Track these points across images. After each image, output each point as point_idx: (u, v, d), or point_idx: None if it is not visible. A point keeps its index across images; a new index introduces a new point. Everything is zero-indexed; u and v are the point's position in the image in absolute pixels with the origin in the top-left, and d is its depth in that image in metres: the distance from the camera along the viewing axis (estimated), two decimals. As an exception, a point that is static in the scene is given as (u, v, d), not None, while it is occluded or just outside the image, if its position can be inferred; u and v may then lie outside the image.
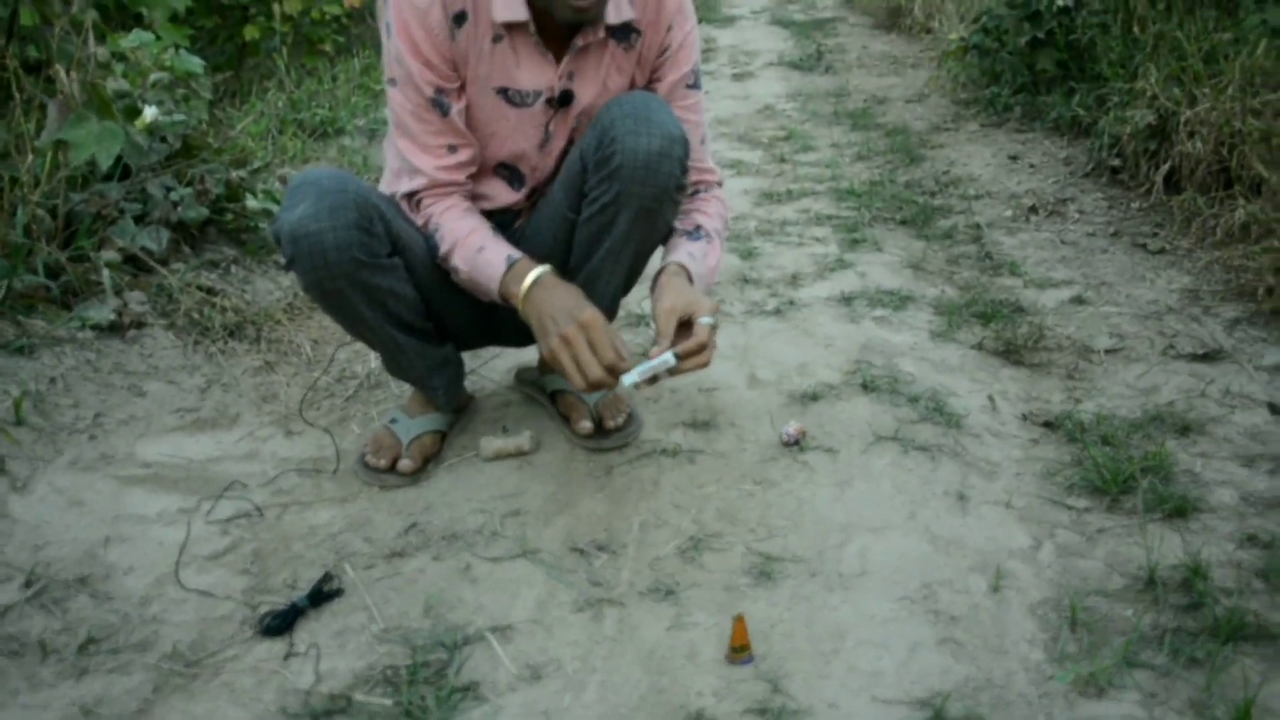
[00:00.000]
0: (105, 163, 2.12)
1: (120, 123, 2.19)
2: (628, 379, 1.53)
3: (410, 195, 1.72)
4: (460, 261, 1.67)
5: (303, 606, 1.49)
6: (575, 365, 1.54)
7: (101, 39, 2.44)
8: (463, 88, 1.68)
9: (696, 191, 1.85)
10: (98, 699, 1.34)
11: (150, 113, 2.30)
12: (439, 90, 1.65)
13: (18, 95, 2.27)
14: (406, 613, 1.49)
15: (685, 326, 1.61)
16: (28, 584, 1.53)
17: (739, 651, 1.35)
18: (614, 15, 1.67)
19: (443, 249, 1.69)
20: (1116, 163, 3.31)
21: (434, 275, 1.75)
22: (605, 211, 1.68)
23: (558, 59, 1.69)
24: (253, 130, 3.54)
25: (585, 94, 1.73)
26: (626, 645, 1.40)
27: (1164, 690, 1.25)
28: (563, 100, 1.72)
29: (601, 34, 1.68)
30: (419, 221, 1.73)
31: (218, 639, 1.45)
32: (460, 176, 1.72)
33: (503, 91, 1.69)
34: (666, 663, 1.37)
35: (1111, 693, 1.26)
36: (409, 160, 1.69)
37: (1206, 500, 1.65)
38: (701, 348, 1.58)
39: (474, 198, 1.79)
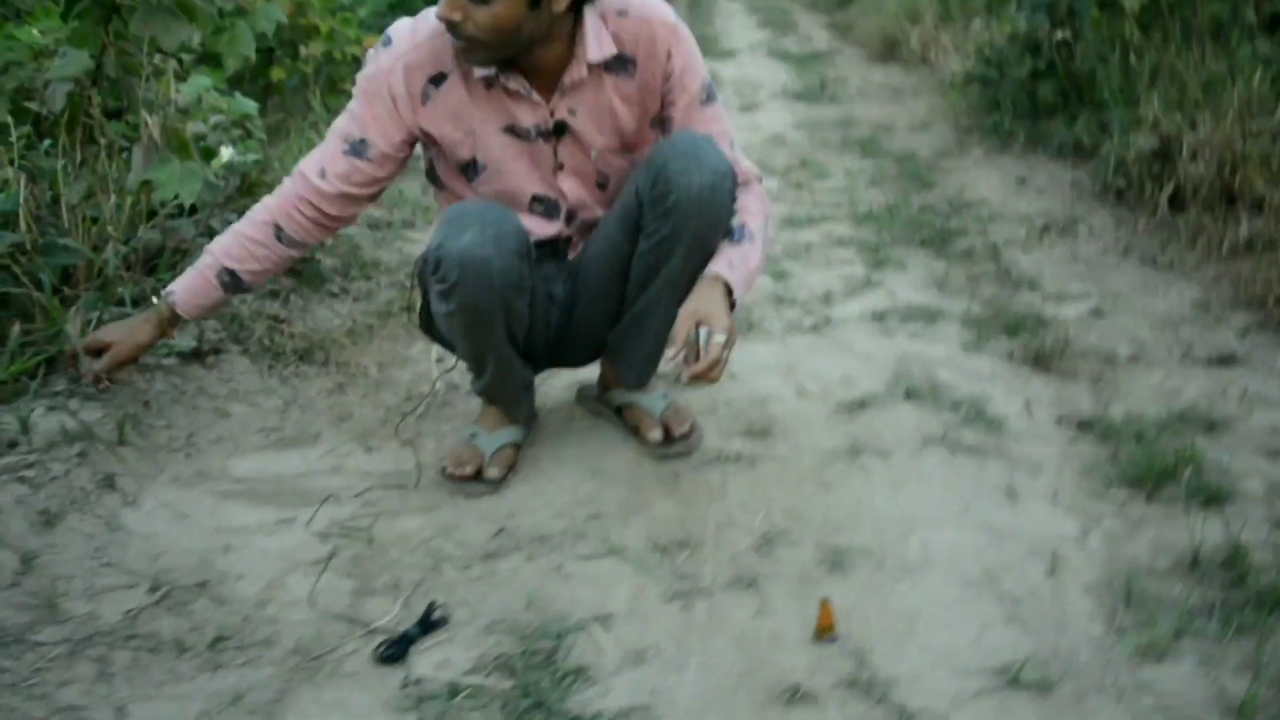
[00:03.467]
0: (188, 200, 2.26)
1: (198, 163, 2.33)
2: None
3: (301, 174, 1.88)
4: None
5: (414, 635, 1.57)
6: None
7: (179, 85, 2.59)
8: (389, 156, 1.85)
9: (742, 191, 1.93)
10: (235, 689, 1.46)
11: (227, 153, 2.45)
12: (361, 141, 1.82)
13: (101, 141, 2.41)
14: (509, 607, 1.61)
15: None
16: (153, 589, 1.65)
17: (825, 632, 1.48)
18: (596, 53, 1.76)
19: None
20: (1122, 184, 3.47)
21: (531, 301, 1.88)
22: (663, 245, 1.81)
23: (546, 97, 1.81)
24: (288, 167, 3.69)
25: (589, 125, 1.84)
26: (718, 631, 1.53)
27: (1218, 655, 1.39)
28: (558, 131, 1.85)
29: (583, 72, 1.79)
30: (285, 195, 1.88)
31: (335, 636, 1.57)
32: (314, 197, 1.86)
33: (509, 129, 1.82)
34: (757, 645, 1.50)
35: (1170, 658, 1.39)
36: (304, 161, 1.88)
37: (1237, 488, 1.79)
38: (711, 364, 1.69)
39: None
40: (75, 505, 1.80)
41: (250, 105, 3.09)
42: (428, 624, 1.61)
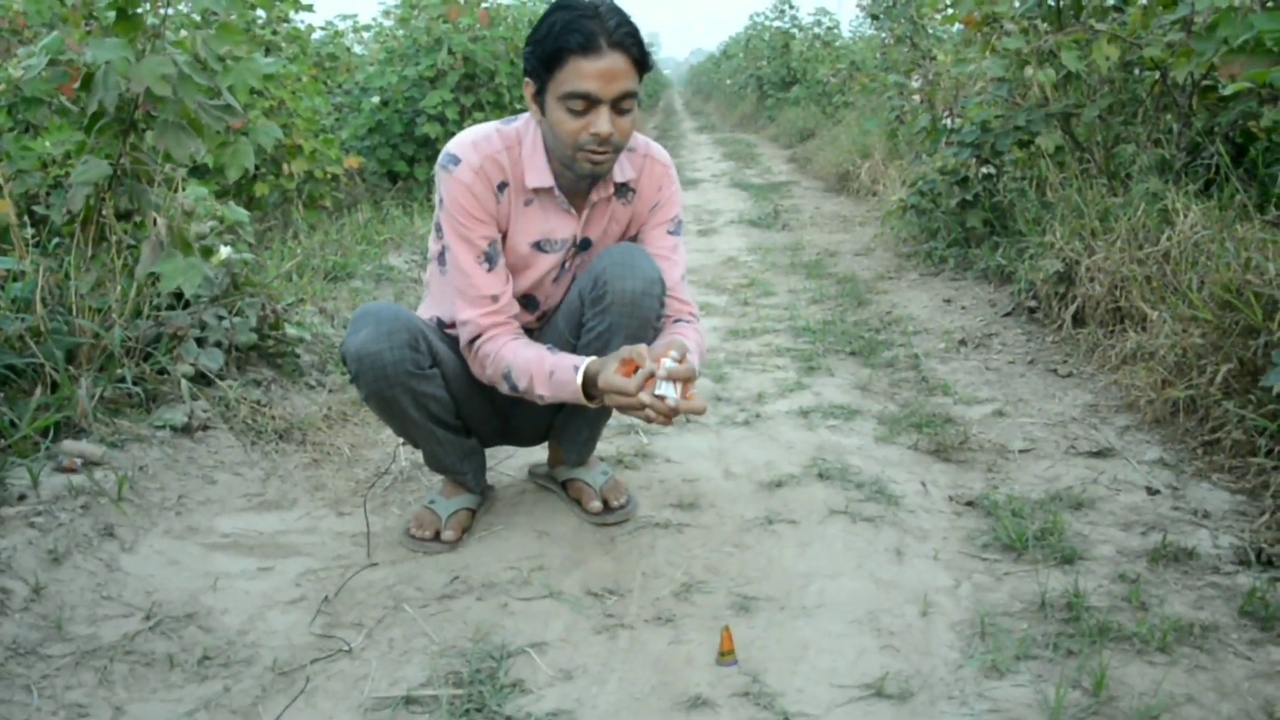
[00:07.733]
0: (189, 291, 2.55)
1: (199, 259, 2.64)
2: (669, 395, 1.85)
3: (469, 342, 2.08)
4: (542, 389, 1.99)
5: None
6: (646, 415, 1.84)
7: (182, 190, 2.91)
8: (504, 239, 2.11)
9: (678, 320, 2.20)
10: (219, 695, 1.69)
11: (225, 251, 2.76)
12: (490, 243, 2.05)
13: (111, 238, 2.72)
14: (460, 636, 1.86)
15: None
16: (147, 617, 1.89)
17: (725, 655, 1.73)
18: (619, 175, 2.14)
19: (522, 385, 2.01)
20: (1033, 303, 3.85)
21: (462, 383, 2.16)
22: (600, 338, 2.10)
23: (579, 212, 2.15)
24: (272, 271, 4.01)
25: (597, 240, 2.19)
26: (637, 655, 1.79)
27: (1048, 673, 1.66)
28: (582, 246, 2.18)
29: (610, 191, 2.15)
30: (488, 369, 2.06)
31: (307, 657, 1.81)
32: (503, 318, 2.08)
33: (537, 244, 2.13)
34: (670, 666, 1.75)
35: (1009, 675, 1.66)
36: (460, 312, 2.07)
37: (1090, 552, 2.08)
38: (690, 374, 1.85)
39: None
40: (79, 548, 2.04)
41: (243, 214, 3.42)
42: None
